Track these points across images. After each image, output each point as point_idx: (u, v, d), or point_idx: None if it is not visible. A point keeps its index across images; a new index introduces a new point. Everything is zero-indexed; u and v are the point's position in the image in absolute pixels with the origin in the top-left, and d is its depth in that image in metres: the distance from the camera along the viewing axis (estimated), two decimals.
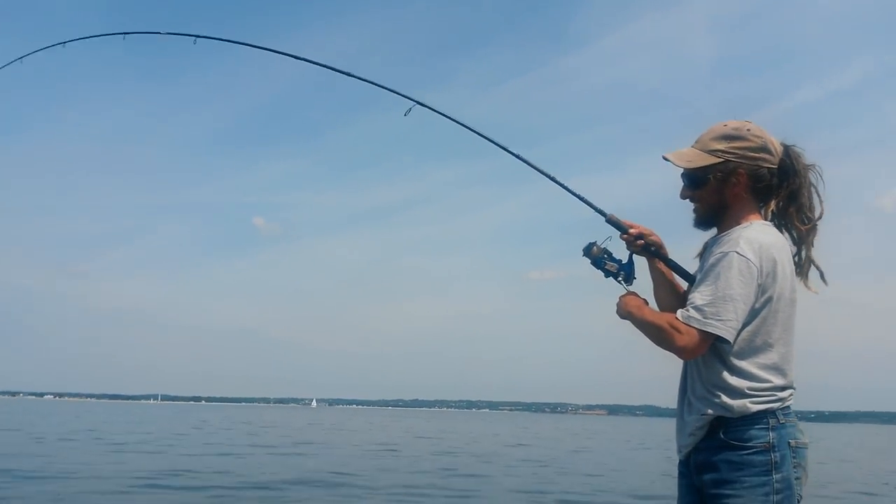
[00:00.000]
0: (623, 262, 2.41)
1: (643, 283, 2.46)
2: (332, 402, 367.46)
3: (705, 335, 2.07)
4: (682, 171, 2.30)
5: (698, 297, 2.10)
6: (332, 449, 20.88)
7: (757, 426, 2.09)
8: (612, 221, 2.43)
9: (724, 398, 2.11)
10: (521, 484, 12.57)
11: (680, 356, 2.16)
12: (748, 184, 2.22)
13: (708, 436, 2.15)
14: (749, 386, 2.10)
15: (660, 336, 2.14)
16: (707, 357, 2.15)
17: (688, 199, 2.33)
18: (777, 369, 2.13)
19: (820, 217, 2.26)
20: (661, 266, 2.44)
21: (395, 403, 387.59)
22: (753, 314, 2.10)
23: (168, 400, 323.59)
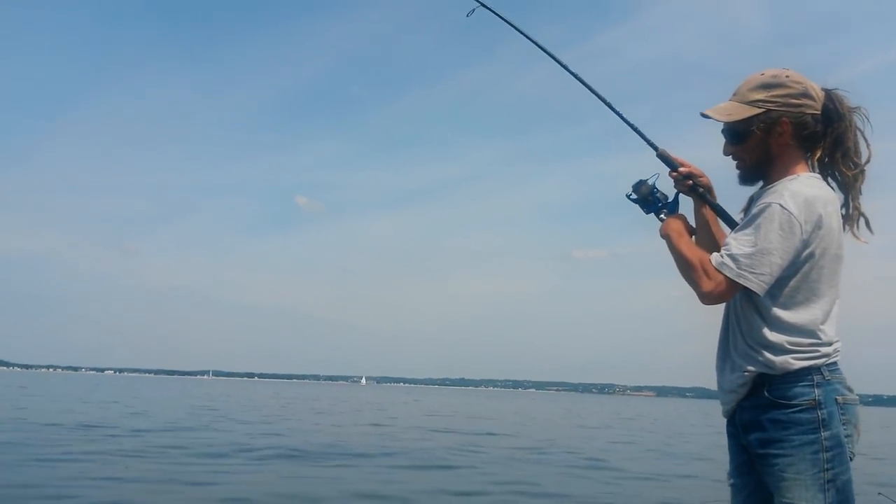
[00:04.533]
0: (668, 199, 2.34)
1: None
2: (381, 380, 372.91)
3: (734, 285, 2.02)
4: (722, 126, 2.21)
5: (735, 245, 2.03)
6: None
7: (801, 383, 2.03)
8: (662, 156, 2.35)
9: (767, 354, 2.05)
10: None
11: (701, 299, 2.08)
12: (793, 133, 2.12)
13: (751, 394, 2.09)
14: (791, 341, 2.04)
15: (688, 273, 2.10)
16: (748, 312, 2.10)
17: (731, 157, 2.24)
18: (820, 325, 2.06)
19: (867, 161, 2.16)
20: (707, 211, 2.36)
21: (442, 382, 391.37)
22: (795, 268, 2.03)
23: (220, 376, 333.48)
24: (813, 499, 1.98)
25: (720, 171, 2.33)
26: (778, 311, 2.05)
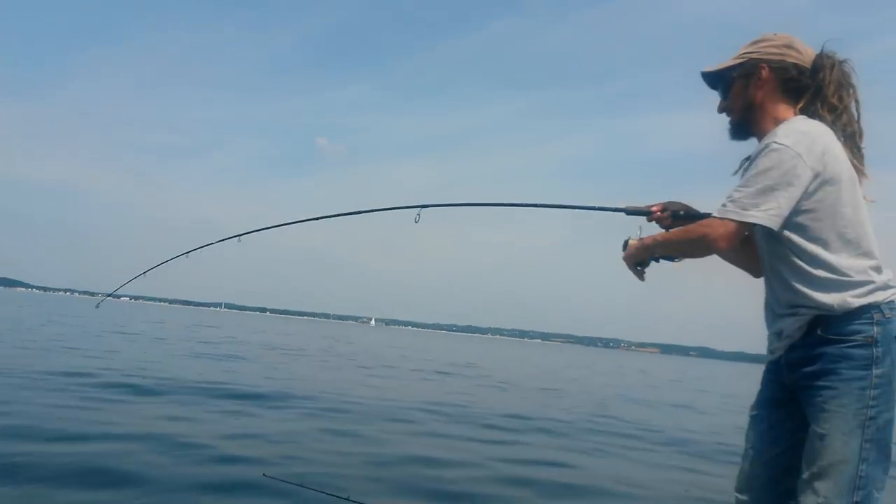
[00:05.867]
0: None
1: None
2: (389, 323, 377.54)
3: (742, 226, 1.96)
4: (706, 77, 2.27)
5: (735, 192, 1.98)
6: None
7: (859, 321, 1.96)
8: (632, 212, 2.35)
9: (820, 296, 1.98)
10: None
11: (716, 248, 2.02)
12: (775, 80, 2.13)
13: (805, 335, 2.03)
14: (843, 278, 1.97)
15: (692, 240, 2.03)
16: (786, 258, 2.04)
17: (724, 113, 2.25)
18: (863, 254, 1.99)
19: (848, 106, 2.11)
20: None
21: (450, 328, 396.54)
22: (812, 200, 1.97)
23: (233, 309, 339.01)
24: (851, 433, 1.93)
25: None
26: (813, 247, 1.98)
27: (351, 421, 7.74)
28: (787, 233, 2.00)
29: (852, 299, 1.96)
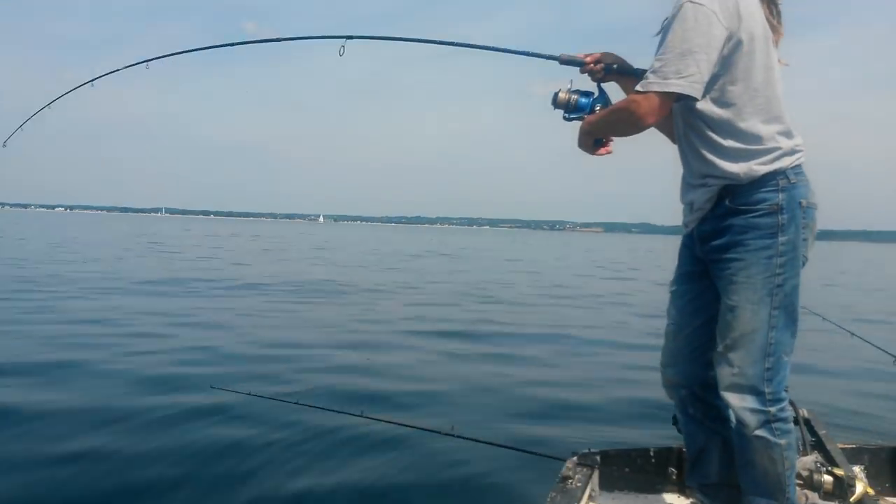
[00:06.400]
0: (595, 94, 2.24)
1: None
2: (338, 218, 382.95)
3: (666, 96, 1.89)
4: None
5: (655, 61, 1.91)
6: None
7: (765, 188, 1.95)
8: (566, 61, 2.26)
9: (727, 164, 1.96)
10: None
11: (644, 125, 1.96)
12: None
13: (714, 207, 2.03)
14: (749, 146, 1.95)
15: (619, 117, 1.99)
16: (697, 125, 2.01)
17: None
18: (773, 119, 1.97)
19: None
20: (634, 81, 2.12)
21: (399, 220, 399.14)
22: (725, 63, 1.92)
23: (175, 213, 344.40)
24: (759, 301, 1.96)
25: None
26: (725, 114, 1.95)
27: None
28: (699, 101, 1.94)
29: (758, 167, 1.94)
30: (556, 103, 2.21)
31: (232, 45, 3.01)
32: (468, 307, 11.17)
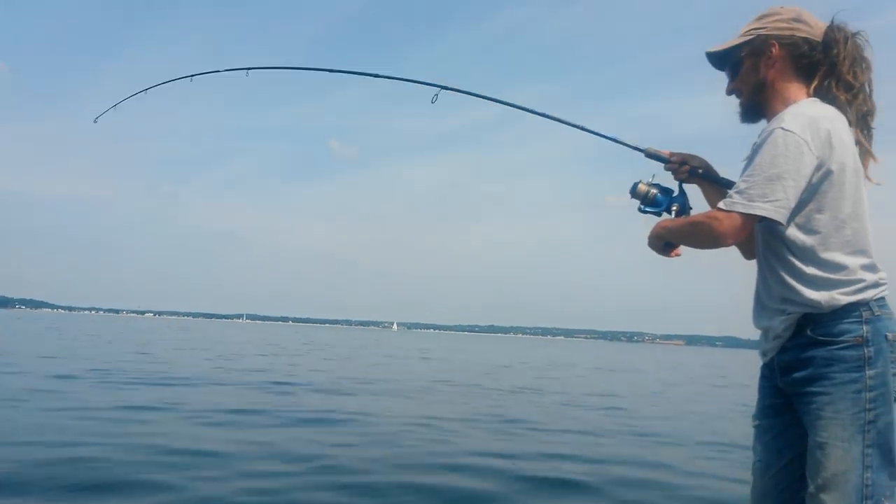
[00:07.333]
0: (674, 193, 2.22)
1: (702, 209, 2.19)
2: (411, 326, 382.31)
3: (749, 218, 1.88)
4: (711, 57, 2.16)
5: (741, 182, 1.90)
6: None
7: (848, 319, 1.89)
8: (651, 154, 2.27)
9: (809, 292, 1.91)
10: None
11: (722, 243, 1.94)
12: (786, 58, 2.02)
13: (794, 335, 1.96)
14: (832, 275, 1.91)
15: (698, 231, 1.98)
16: (779, 250, 1.97)
17: (733, 94, 2.14)
18: (858, 252, 1.92)
19: (864, 83, 2.01)
20: (716, 189, 2.21)
21: (472, 328, 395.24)
22: (814, 192, 1.90)
23: (255, 319, 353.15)
24: (850, 439, 1.85)
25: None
26: (809, 242, 1.92)
27: None
28: (784, 226, 1.91)
29: (840, 296, 1.90)
30: (635, 193, 2.22)
31: (330, 70, 3.13)
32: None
